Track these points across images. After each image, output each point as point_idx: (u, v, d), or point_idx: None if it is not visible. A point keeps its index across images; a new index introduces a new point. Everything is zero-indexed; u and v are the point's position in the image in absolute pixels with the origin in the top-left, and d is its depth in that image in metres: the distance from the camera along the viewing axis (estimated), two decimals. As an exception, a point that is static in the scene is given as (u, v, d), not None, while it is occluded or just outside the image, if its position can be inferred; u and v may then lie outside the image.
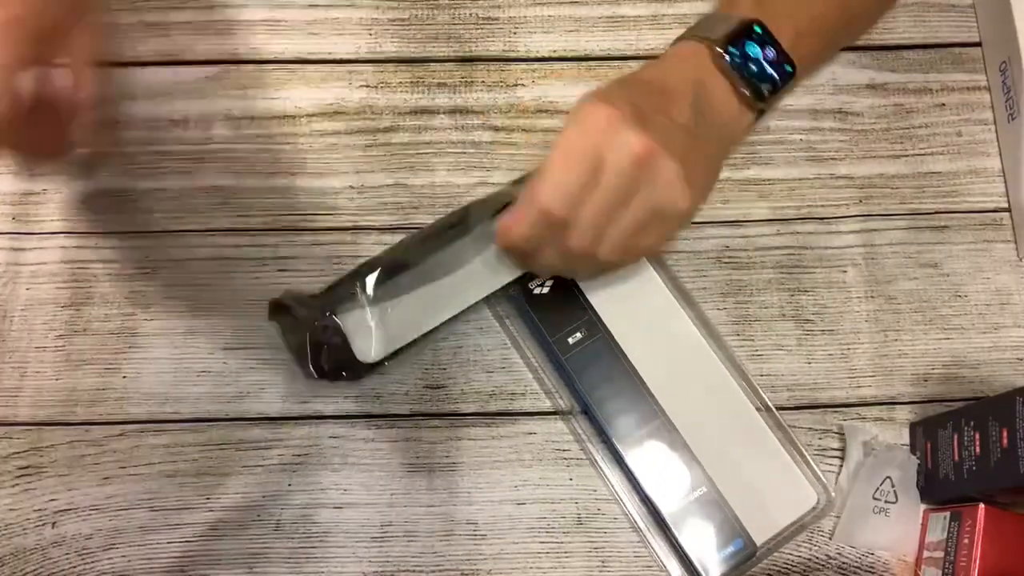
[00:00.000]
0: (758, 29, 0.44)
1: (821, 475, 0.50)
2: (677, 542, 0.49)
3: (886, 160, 0.58)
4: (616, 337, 0.52)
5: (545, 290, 0.52)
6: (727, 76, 0.43)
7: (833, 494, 0.50)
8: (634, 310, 0.52)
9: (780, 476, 0.50)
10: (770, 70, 0.43)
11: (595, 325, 0.52)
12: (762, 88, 0.43)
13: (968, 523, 0.46)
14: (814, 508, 0.50)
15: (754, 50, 0.43)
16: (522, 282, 0.52)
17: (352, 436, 0.52)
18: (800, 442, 0.51)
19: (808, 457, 0.51)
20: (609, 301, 0.52)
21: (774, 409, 0.51)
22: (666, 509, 0.49)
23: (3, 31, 0.41)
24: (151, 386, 0.52)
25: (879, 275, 0.55)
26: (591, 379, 0.51)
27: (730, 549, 0.49)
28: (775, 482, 0.50)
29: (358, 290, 0.50)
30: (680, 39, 0.46)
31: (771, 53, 0.44)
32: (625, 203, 0.42)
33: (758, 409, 0.51)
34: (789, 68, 0.44)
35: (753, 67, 0.43)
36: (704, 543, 0.49)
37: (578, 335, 0.52)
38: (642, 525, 0.50)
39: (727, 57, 0.43)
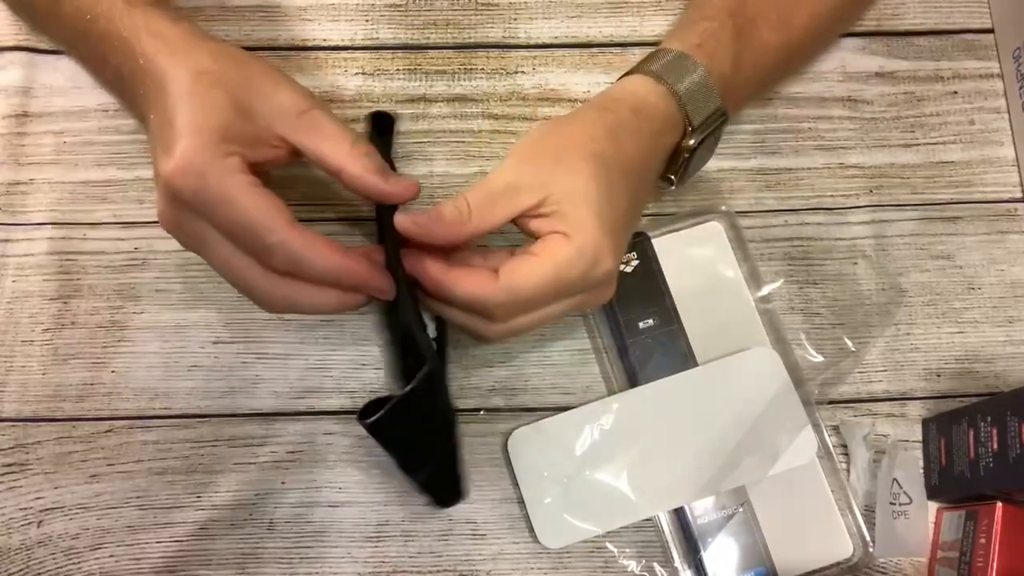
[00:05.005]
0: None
1: (864, 529, 0.48)
2: (698, 554, 0.48)
3: (897, 149, 0.56)
4: (689, 335, 0.50)
5: (628, 268, 0.51)
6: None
7: (871, 550, 0.48)
8: (714, 313, 0.51)
9: (821, 519, 0.49)
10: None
11: (670, 316, 0.50)
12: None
13: (985, 522, 0.45)
14: (848, 560, 0.48)
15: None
16: None
17: (348, 432, 0.50)
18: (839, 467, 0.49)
19: (855, 508, 0.49)
20: (691, 298, 0.51)
21: (825, 426, 0.50)
22: (696, 518, 0.48)
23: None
24: (140, 381, 0.51)
25: (890, 267, 0.54)
26: (651, 368, 0.50)
27: (750, 575, 0.47)
28: (814, 523, 0.48)
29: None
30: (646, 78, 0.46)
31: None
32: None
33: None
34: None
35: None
36: (725, 562, 0.47)
37: (650, 321, 0.50)
38: (663, 524, 0.49)
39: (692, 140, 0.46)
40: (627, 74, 0.48)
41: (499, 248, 0.45)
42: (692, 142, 0.46)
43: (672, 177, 0.48)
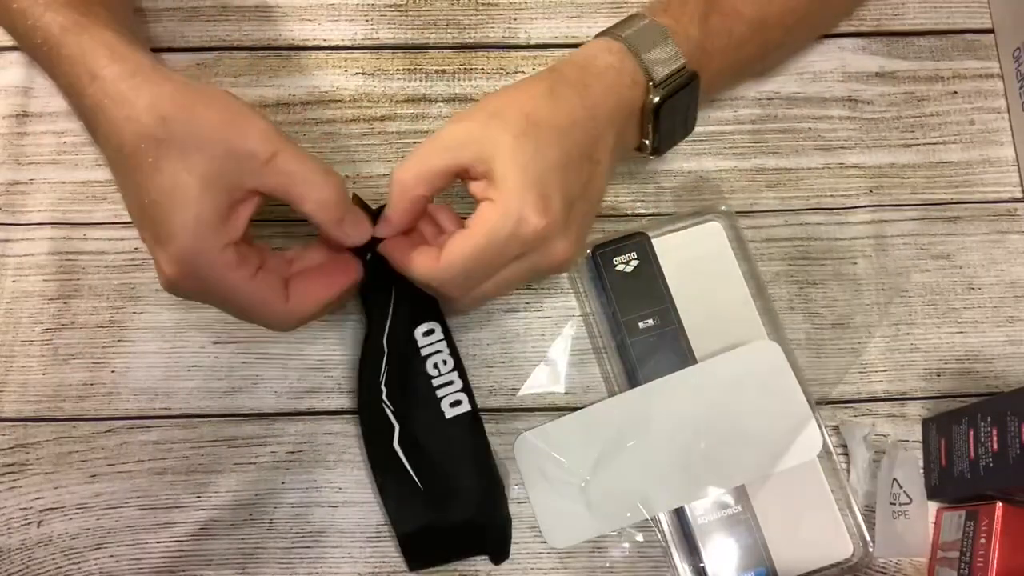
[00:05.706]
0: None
1: (864, 529, 0.48)
2: (698, 554, 0.48)
3: (897, 149, 0.56)
4: (689, 335, 0.50)
5: (628, 268, 0.51)
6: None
7: (872, 550, 0.48)
8: (714, 312, 0.51)
9: (821, 519, 0.48)
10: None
11: (670, 315, 0.50)
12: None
13: (985, 522, 0.45)
14: (848, 560, 0.48)
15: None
16: (606, 255, 0.51)
17: (348, 432, 0.50)
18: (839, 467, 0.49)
19: (855, 508, 0.48)
20: (690, 298, 0.51)
21: (827, 437, 0.50)
22: (696, 519, 0.48)
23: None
24: (140, 381, 0.51)
25: (890, 267, 0.54)
26: (651, 368, 0.50)
27: (750, 575, 0.47)
28: (814, 523, 0.48)
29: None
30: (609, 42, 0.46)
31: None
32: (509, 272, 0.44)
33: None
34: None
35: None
36: (726, 562, 0.47)
37: (650, 321, 0.50)
38: (663, 524, 0.49)
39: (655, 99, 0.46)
40: None
41: None
42: (657, 100, 0.45)
43: (647, 142, 0.48)
